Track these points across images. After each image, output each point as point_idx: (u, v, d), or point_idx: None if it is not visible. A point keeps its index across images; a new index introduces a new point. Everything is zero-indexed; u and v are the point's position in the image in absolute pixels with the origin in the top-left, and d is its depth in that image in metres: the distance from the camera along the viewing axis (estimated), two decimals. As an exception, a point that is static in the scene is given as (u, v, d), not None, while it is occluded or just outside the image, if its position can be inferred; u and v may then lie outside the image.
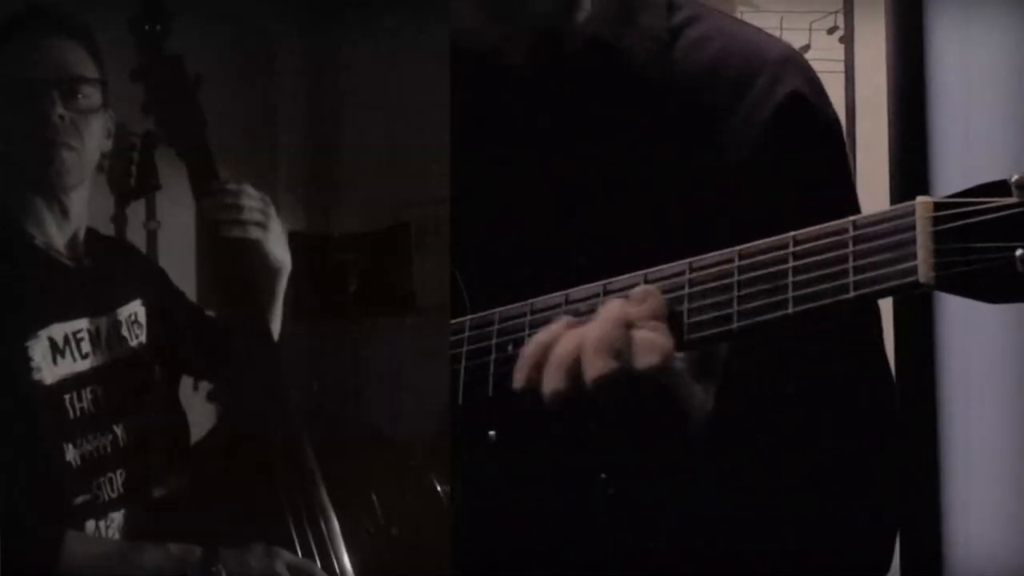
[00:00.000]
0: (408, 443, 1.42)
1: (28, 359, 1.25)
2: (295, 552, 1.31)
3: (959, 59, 2.18)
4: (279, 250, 1.39)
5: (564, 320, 1.01)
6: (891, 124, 2.21)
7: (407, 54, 1.42)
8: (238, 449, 1.35)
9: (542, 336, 1.00)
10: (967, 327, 2.14)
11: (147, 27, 1.35)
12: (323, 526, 1.33)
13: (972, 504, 2.13)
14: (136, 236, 1.43)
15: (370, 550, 1.35)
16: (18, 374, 1.25)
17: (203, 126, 1.36)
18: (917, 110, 2.19)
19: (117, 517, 1.29)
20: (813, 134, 1.18)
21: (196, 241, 1.45)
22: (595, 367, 0.95)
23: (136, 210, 1.42)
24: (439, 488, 1.35)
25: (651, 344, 0.95)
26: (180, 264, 1.45)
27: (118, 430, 1.30)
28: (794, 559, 1.12)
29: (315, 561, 1.32)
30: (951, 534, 2.13)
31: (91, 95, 1.32)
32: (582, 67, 1.18)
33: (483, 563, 1.14)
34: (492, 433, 1.08)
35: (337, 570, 1.33)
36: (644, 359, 0.95)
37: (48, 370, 1.27)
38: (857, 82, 2.24)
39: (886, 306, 2.13)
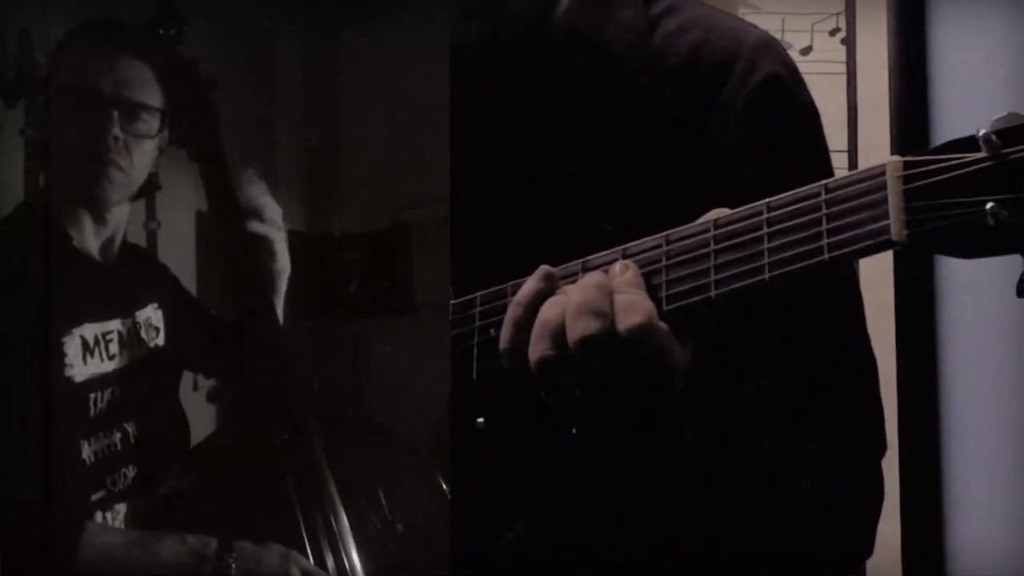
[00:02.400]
0: (411, 442, 1.42)
1: (63, 355, 1.27)
2: (304, 546, 1.32)
3: (961, 60, 2.19)
4: (284, 253, 1.41)
5: (539, 271, 1.02)
6: (893, 125, 2.21)
7: (407, 54, 1.42)
8: (247, 443, 1.36)
9: (519, 296, 1.02)
10: (969, 323, 2.13)
11: (161, 31, 1.36)
12: (332, 520, 1.34)
13: (973, 503, 2.12)
14: (136, 236, 1.44)
15: (377, 545, 1.35)
16: (51, 369, 1.26)
17: (217, 128, 1.37)
18: (919, 111, 2.19)
19: (122, 509, 1.30)
20: (789, 116, 1.19)
21: (196, 241, 1.46)
22: (578, 328, 0.97)
23: (136, 210, 1.42)
24: (444, 486, 1.35)
25: (633, 305, 0.97)
26: (180, 264, 1.45)
27: (130, 428, 1.32)
28: (772, 542, 1.13)
29: (327, 556, 1.33)
30: (952, 533, 2.12)
31: (150, 121, 1.34)
32: (561, 61, 1.18)
33: (485, 560, 1.14)
34: (480, 420, 1.09)
35: (347, 565, 1.34)
36: (627, 319, 0.96)
37: (78, 368, 1.29)
38: (859, 83, 2.24)
39: (888, 301, 2.14)
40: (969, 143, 0.89)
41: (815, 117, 1.23)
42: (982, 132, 0.89)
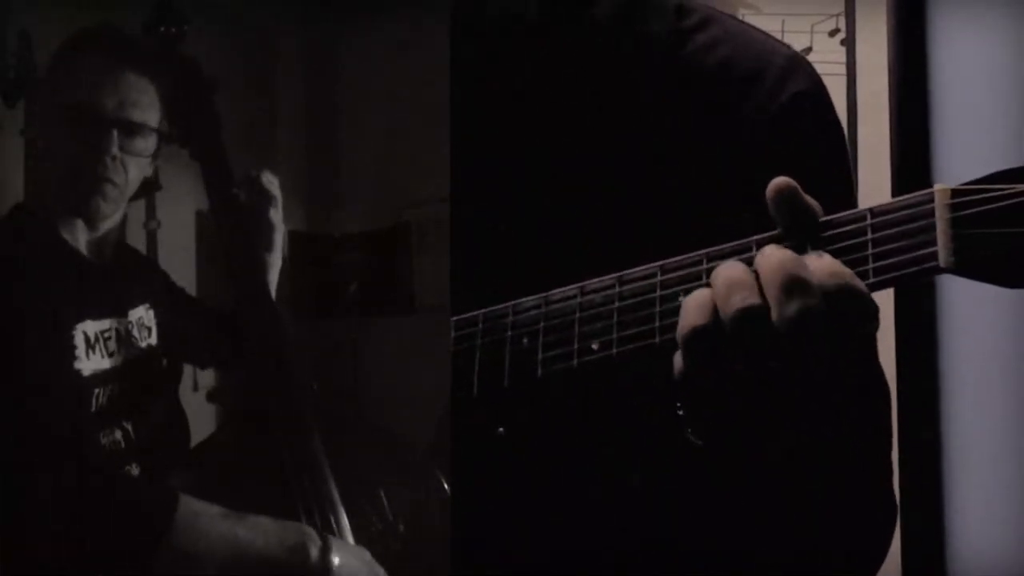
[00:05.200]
0: (411, 442, 1.42)
1: (73, 347, 1.28)
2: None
3: (961, 61, 2.19)
4: (279, 246, 1.42)
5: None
6: (893, 126, 2.21)
7: (407, 54, 1.42)
8: (247, 443, 1.36)
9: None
10: (969, 326, 2.14)
11: (162, 30, 1.36)
12: (332, 520, 1.34)
13: (973, 506, 2.12)
14: (136, 236, 1.44)
15: (378, 545, 1.35)
16: (64, 362, 1.27)
17: (218, 128, 1.38)
18: (919, 112, 2.19)
19: None
20: (815, 134, 1.19)
21: (196, 241, 1.46)
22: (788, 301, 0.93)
23: (136, 210, 1.43)
24: (445, 486, 1.36)
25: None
26: (180, 264, 1.45)
27: (129, 426, 1.33)
28: (782, 550, 1.12)
29: None
30: (951, 533, 2.12)
31: (148, 140, 1.34)
32: (587, 70, 1.18)
33: (485, 560, 1.14)
34: (501, 430, 1.09)
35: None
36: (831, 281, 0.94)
37: (84, 362, 1.29)
38: (859, 84, 2.24)
39: (887, 304, 2.14)
40: (1017, 174, 0.90)
41: (840, 137, 1.23)
42: None
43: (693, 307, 0.95)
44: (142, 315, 1.39)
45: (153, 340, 1.39)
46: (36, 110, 1.35)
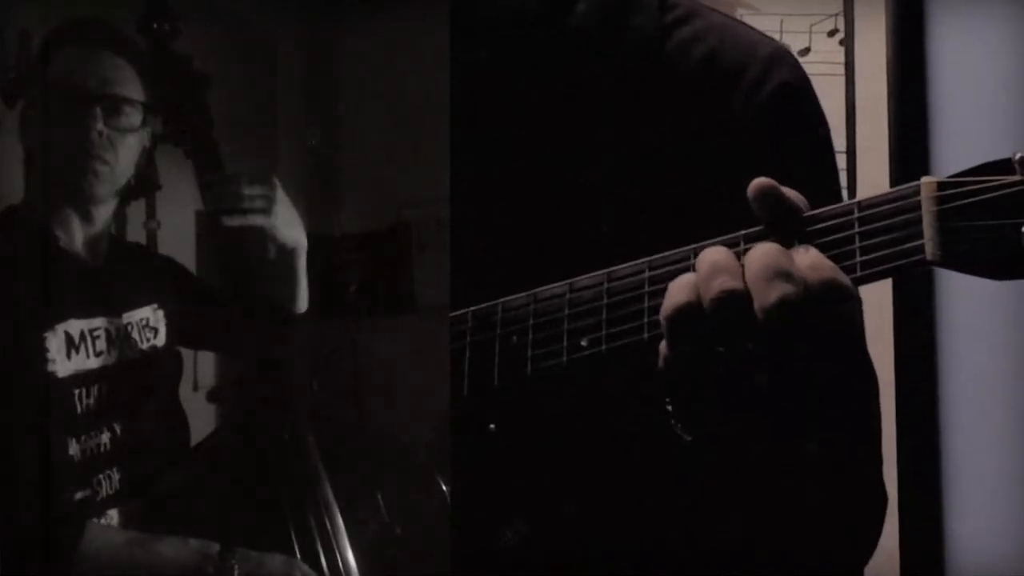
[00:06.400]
0: (411, 443, 1.42)
1: (44, 350, 1.28)
2: (299, 550, 1.32)
3: (960, 61, 2.18)
4: (290, 231, 1.41)
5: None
6: (891, 126, 2.21)
7: (407, 54, 1.42)
8: (243, 446, 1.37)
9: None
10: (968, 326, 2.14)
11: (155, 26, 1.37)
12: (327, 523, 1.34)
13: (972, 506, 2.12)
14: (136, 236, 1.44)
15: (375, 549, 1.35)
16: (33, 364, 1.28)
17: (211, 125, 1.38)
18: (918, 112, 2.19)
19: (114, 514, 1.31)
20: (799, 126, 1.19)
21: (196, 241, 1.46)
22: (773, 291, 0.92)
23: (136, 210, 1.43)
24: (444, 487, 1.35)
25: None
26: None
27: (118, 428, 1.32)
28: (772, 546, 1.12)
29: (320, 556, 1.33)
30: (951, 536, 2.12)
31: (132, 115, 1.36)
32: (572, 65, 1.19)
33: (482, 558, 1.14)
34: (492, 426, 1.09)
35: (341, 568, 1.34)
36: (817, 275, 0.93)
37: (61, 363, 1.30)
38: (857, 84, 2.24)
39: (886, 302, 2.14)
40: (1003, 165, 0.90)
41: (824, 128, 1.23)
42: (1018, 155, 0.89)
43: (677, 288, 0.95)
44: (147, 315, 1.39)
45: (160, 341, 1.39)
46: (23, 107, 1.37)
